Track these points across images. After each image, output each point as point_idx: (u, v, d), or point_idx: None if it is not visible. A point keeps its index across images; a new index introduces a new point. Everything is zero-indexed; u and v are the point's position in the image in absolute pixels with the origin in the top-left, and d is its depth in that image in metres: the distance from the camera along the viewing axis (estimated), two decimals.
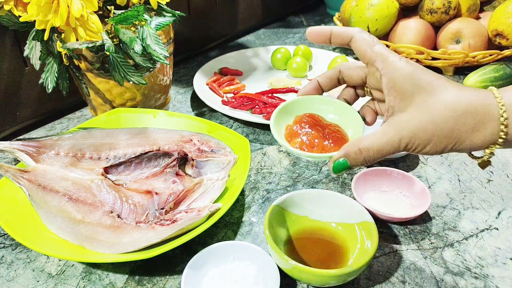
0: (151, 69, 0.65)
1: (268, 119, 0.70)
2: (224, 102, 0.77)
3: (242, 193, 0.58)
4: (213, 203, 0.50)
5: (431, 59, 0.87)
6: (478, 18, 0.93)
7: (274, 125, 0.41)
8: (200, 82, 0.83)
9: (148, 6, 0.61)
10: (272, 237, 0.42)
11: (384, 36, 0.95)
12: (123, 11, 0.56)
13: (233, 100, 0.77)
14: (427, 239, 0.49)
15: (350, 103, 0.43)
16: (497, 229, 0.51)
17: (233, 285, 0.42)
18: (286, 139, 0.41)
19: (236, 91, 0.82)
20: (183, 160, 0.55)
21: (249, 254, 0.44)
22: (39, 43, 0.59)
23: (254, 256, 0.44)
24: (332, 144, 0.39)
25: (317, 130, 0.40)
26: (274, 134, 0.40)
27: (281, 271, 0.42)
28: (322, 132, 0.40)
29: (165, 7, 0.63)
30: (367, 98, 0.43)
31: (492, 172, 0.61)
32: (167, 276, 0.45)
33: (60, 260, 0.48)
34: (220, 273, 0.43)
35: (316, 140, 0.39)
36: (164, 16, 0.62)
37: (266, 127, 0.73)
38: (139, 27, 0.58)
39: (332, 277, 0.39)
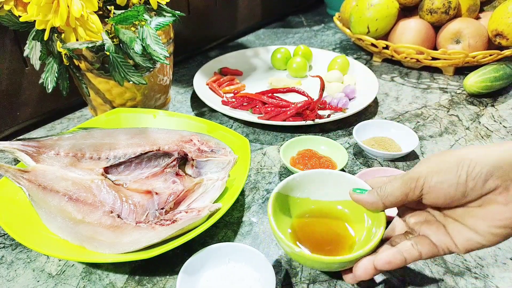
0: (151, 69, 0.65)
1: (267, 119, 0.71)
2: (224, 102, 0.77)
3: (242, 193, 0.58)
4: (213, 203, 0.50)
5: (431, 59, 0.87)
6: (478, 18, 0.93)
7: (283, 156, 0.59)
8: (200, 82, 0.83)
9: (148, 6, 0.61)
10: (277, 224, 0.41)
11: (384, 36, 0.95)
12: (123, 11, 0.56)
13: (233, 100, 0.77)
14: None
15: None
16: None
17: (229, 286, 0.42)
18: (292, 165, 0.59)
19: (236, 91, 0.82)
20: (183, 160, 0.55)
21: (245, 256, 0.44)
22: (39, 43, 0.59)
23: (250, 258, 0.44)
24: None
25: (316, 159, 0.60)
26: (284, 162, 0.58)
27: (278, 268, 0.42)
28: (319, 161, 0.59)
29: (165, 7, 0.63)
30: None
31: None
32: (167, 276, 0.46)
33: (60, 260, 0.48)
34: (216, 275, 0.43)
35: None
36: (164, 16, 0.62)
37: (266, 127, 0.73)
38: (139, 27, 0.58)
39: (336, 263, 0.39)
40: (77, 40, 0.53)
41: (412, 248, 0.38)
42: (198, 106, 0.80)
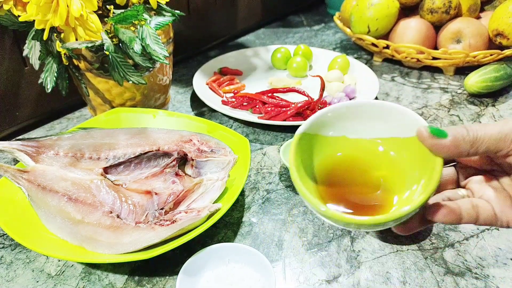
0: (151, 69, 0.65)
1: (267, 119, 0.70)
2: (224, 102, 0.77)
3: (242, 193, 0.57)
4: (213, 203, 0.50)
5: (432, 59, 0.87)
6: (478, 17, 0.93)
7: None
8: (200, 82, 0.83)
9: (147, 5, 0.61)
10: (300, 174, 0.32)
11: (385, 35, 0.95)
12: (122, 10, 0.56)
13: (233, 100, 0.77)
14: (427, 240, 0.49)
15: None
16: (497, 229, 0.51)
17: (229, 287, 0.42)
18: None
19: (236, 91, 0.82)
20: (182, 160, 0.55)
21: (244, 256, 0.44)
22: (39, 42, 0.59)
23: (250, 258, 0.43)
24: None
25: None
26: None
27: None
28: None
29: (164, 6, 0.63)
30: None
31: None
32: (167, 277, 0.45)
33: (59, 261, 0.48)
34: (216, 276, 0.43)
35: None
36: (164, 15, 0.62)
37: (266, 127, 0.73)
38: (138, 26, 0.57)
39: (370, 225, 0.31)
40: (76, 39, 0.53)
41: (472, 209, 0.33)
42: (198, 106, 0.80)
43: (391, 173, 0.35)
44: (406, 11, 0.97)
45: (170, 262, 0.47)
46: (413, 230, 0.34)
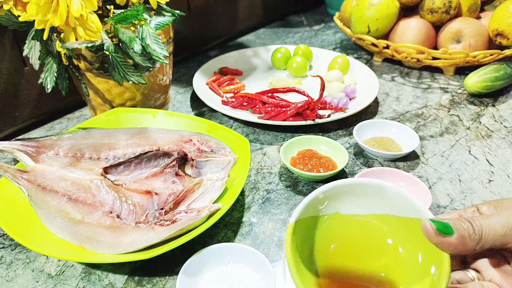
0: (151, 68, 0.65)
1: (267, 119, 0.70)
2: (224, 102, 0.77)
3: (242, 193, 0.57)
4: (213, 203, 0.50)
5: (432, 59, 0.87)
6: (478, 17, 0.93)
7: (283, 155, 0.58)
8: (200, 81, 0.83)
9: (147, 5, 0.61)
10: (298, 270, 0.32)
11: (385, 35, 0.95)
12: (122, 10, 0.56)
13: (233, 100, 0.77)
14: None
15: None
16: None
17: (229, 287, 0.42)
18: (292, 165, 0.57)
19: (236, 91, 0.82)
20: (182, 160, 0.55)
21: (244, 256, 0.44)
22: (39, 42, 0.59)
23: (250, 258, 0.43)
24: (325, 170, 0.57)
25: (316, 159, 0.59)
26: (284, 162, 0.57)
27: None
28: (319, 161, 0.59)
29: (164, 6, 0.63)
30: None
31: (492, 172, 0.60)
32: (167, 277, 0.45)
33: (59, 261, 0.48)
34: (216, 276, 0.43)
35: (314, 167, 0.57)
36: (164, 15, 0.62)
37: (266, 127, 0.73)
38: (138, 26, 0.57)
39: None
40: (76, 39, 0.53)
41: None
42: (198, 106, 0.80)
43: (392, 260, 0.35)
44: (406, 11, 0.97)
45: (170, 262, 0.47)
46: None
